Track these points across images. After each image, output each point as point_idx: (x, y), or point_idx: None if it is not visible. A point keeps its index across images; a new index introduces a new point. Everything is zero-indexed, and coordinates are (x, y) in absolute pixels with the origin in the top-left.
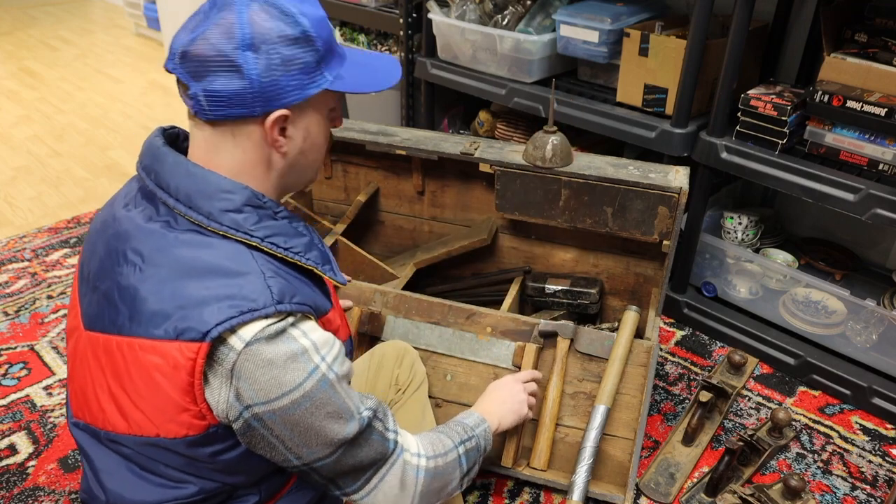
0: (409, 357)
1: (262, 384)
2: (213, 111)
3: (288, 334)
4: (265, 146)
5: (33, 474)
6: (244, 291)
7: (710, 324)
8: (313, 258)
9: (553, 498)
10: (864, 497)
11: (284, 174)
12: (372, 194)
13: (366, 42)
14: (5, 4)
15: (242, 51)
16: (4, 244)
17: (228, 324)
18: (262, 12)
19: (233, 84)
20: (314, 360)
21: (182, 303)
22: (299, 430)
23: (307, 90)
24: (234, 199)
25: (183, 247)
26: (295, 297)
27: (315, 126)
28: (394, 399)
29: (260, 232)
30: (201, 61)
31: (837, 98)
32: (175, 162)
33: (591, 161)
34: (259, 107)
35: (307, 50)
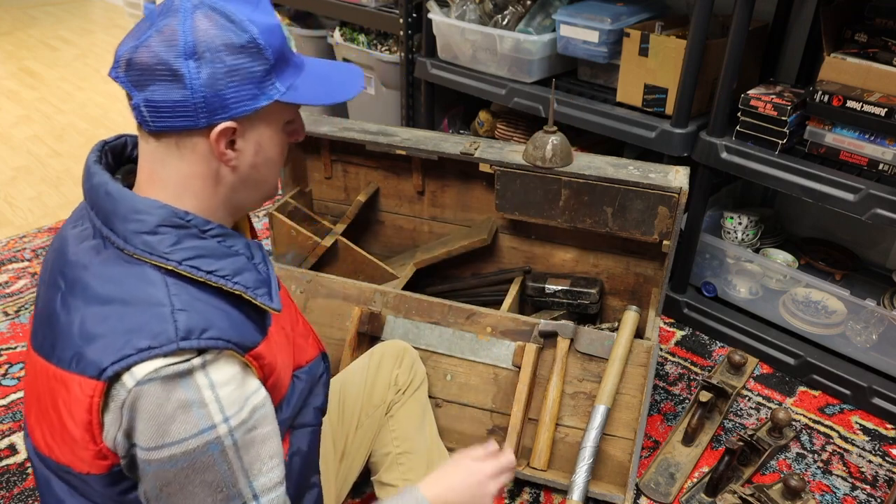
0: (409, 357)
1: (147, 427)
2: (155, 122)
3: (189, 380)
4: (212, 160)
5: (33, 474)
6: (147, 325)
7: (710, 324)
8: (243, 282)
9: (553, 498)
10: (864, 497)
11: (235, 189)
12: (372, 194)
13: (366, 42)
14: (5, 4)
15: (184, 59)
16: (4, 244)
17: (124, 363)
18: (207, 19)
19: (174, 94)
20: (213, 417)
21: (86, 334)
22: (168, 490)
23: (256, 102)
24: (146, 220)
25: (98, 273)
26: (207, 332)
27: (268, 140)
28: (394, 400)
29: (177, 255)
30: (143, 70)
31: (837, 98)
32: (98, 182)
33: (591, 161)
34: (203, 118)
35: (255, 60)
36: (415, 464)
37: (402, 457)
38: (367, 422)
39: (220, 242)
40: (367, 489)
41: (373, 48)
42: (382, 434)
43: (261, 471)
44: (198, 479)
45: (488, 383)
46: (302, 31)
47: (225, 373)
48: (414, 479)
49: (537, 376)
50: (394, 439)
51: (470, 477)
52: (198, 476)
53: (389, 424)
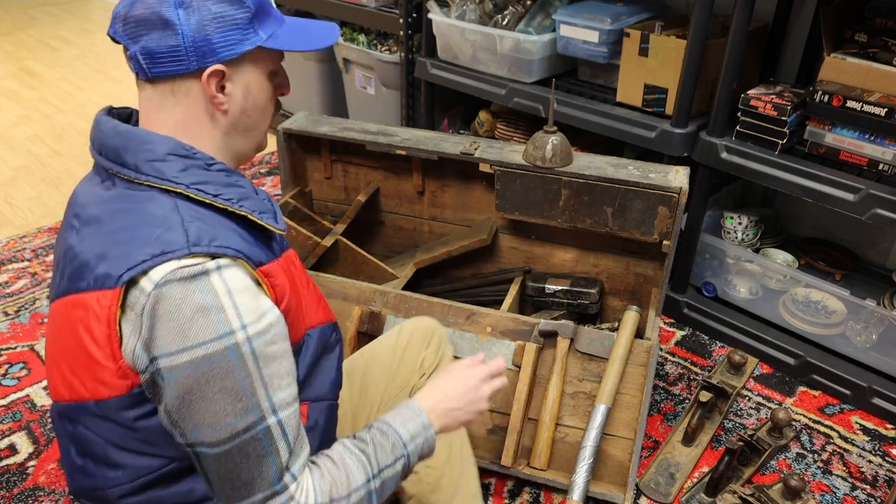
0: (437, 338)
1: (167, 331)
2: (151, 69)
3: (206, 282)
4: (205, 103)
5: (33, 474)
6: (161, 236)
7: (710, 324)
8: (248, 206)
9: (553, 498)
10: (864, 497)
11: (228, 133)
12: (372, 194)
13: (366, 42)
14: (5, 4)
15: (174, 8)
16: (4, 244)
17: (140, 267)
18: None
19: (167, 41)
20: (231, 322)
21: (101, 255)
22: (189, 398)
23: (240, 46)
24: (155, 148)
25: (112, 202)
26: (216, 241)
27: (255, 85)
28: (418, 384)
29: (185, 178)
30: (138, 22)
31: (837, 98)
32: (110, 126)
33: (591, 161)
34: (195, 62)
35: (237, 7)
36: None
37: None
38: (389, 404)
39: (226, 175)
40: None
41: (373, 48)
42: None
43: (279, 386)
44: (217, 386)
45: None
46: None
47: (241, 281)
48: (434, 465)
49: (537, 376)
50: None
51: (463, 382)
52: (217, 382)
53: None
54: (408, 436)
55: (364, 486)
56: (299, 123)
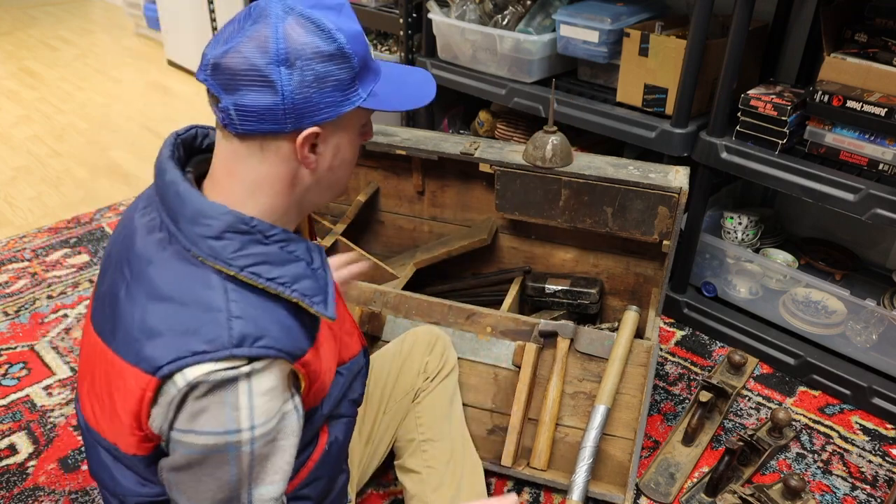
0: (441, 344)
1: (184, 413)
2: (243, 125)
3: (233, 385)
4: (293, 161)
5: (33, 474)
6: (203, 329)
7: (710, 324)
8: (301, 289)
9: (553, 498)
10: (864, 497)
11: (309, 190)
12: (372, 194)
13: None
14: (5, 4)
15: (276, 66)
16: (4, 244)
17: (179, 363)
18: (298, 27)
19: (265, 99)
20: (241, 422)
21: (146, 329)
22: (182, 469)
23: (341, 108)
24: (212, 224)
25: (164, 269)
26: (260, 341)
27: (346, 142)
28: (422, 387)
29: (240, 261)
30: (233, 74)
31: (837, 98)
32: (170, 180)
33: (591, 161)
34: (290, 123)
35: (342, 67)
36: (438, 452)
37: (425, 444)
38: (394, 407)
39: (283, 248)
40: (389, 471)
41: (373, 48)
42: (408, 420)
43: (264, 481)
44: (207, 471)
45: (488, 383)
46: None
47: (268, 383)
48: (436, 466)
49: (537, 376)
50: (419, 426)
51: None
52: (209, 469)
53: (416, 411)
54: None
55: None
56: None
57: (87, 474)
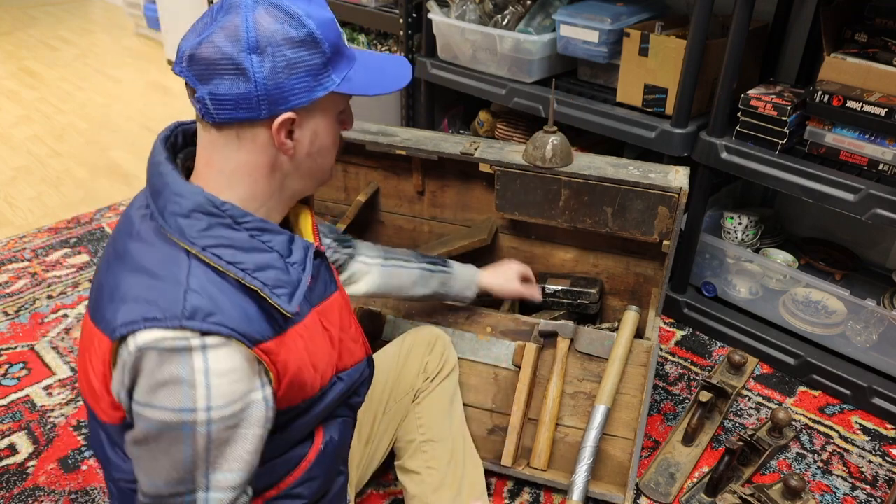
0: (441, 344)
1: (143, 384)
2: (219, 114)
3: (185, 357)
4: (271, 148)
5: (33, 474)
6: (159, 299)
7: (710, 324)
8: (263, 278)
9: (553, 498)
10: (864, 497)
11: (290, 177)
12: (372, 194)
13: (366, 42)
14: (5, 4)
15: (248, 54)
16: (4, 244)
17: (130, 327)
18: (267, 15)
19: (238, 87)
20: (196, 401)
21: (115, 295)
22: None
23: (314, 93)
24: (182, 203)
25: (141, 243)
26: (212, 317)
27: (323, 128)
28: (421, 388)
29: (204, 241)
30: (207, 64)
31: (837, 98)
32: (156, 161)
33: (591, 161)
34: (265, 110)
35: (313, 52)
36: (438, 452)
37: (426, 444)
38: (394, 407)
39: (254, 236)
40: (389, 472)
41: (373, 48)
42: (408, 421)
43: (221, 467)
44: (162, 448)
45: (488, 383)
46: None
47: (226, 363)
48: (437, 467)
49: (537, 376)
50: (419, 427)
51: None
52: (163, 445)
53: (416, 412)
54: None
55: None
56: None
57: (87, 474)
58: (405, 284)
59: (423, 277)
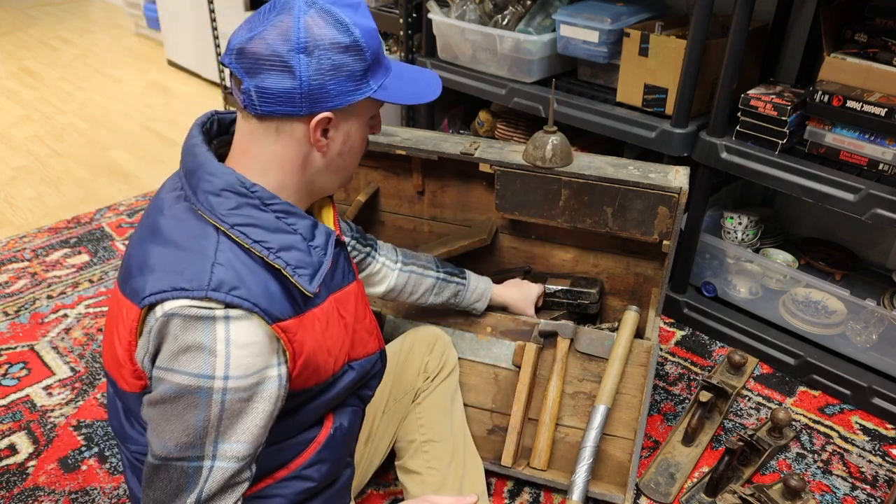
0: (441, 343)
1: (166, 349)
2: (263, 107)
3: (209, 325)
4: (306, 144)
5: (33, 474)
6: (187, 270)
7: (710, 324)
8: (286, 258)
9: (553, 498)
10: (864, 497)
11: (319, 172)
12: (372, 194)
13: None
14: (5, 4)
15: (296, 53)
16: (4, 244)
17: (158, 296)
18: (319, 18)
19: (284, 83)
20: (216, 369)
21: (144, 267)
22: (157, 407)
23: (352, 96)
24: (213, 181)
25: (172, 219)
26: (236, 290)
27: (356, 131)
28: (422, 387)
29: (232, 219)
30: (256, 59)
31: (837, 98)
32: (192, 143)
33: (591, 161)
34: (306, 107)
35: (356, 58)
36: (439, 452)
37: (426, 444)
38: (394, 406)
39: (280, 218)
40: (389, 471)
41: None
42: (409, 420)
43: (230, 437)
44: (177, 411)
45: (488, 383)
46: None
47: (247, 336)
48: (437, 467)
49: (537, 376)
50: (420, 426)
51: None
52: (178, 409)
53: (416, 412)
54: None
55: None
56: None
57: (87, 474)
58: (418, 291)
59: (438, 287)
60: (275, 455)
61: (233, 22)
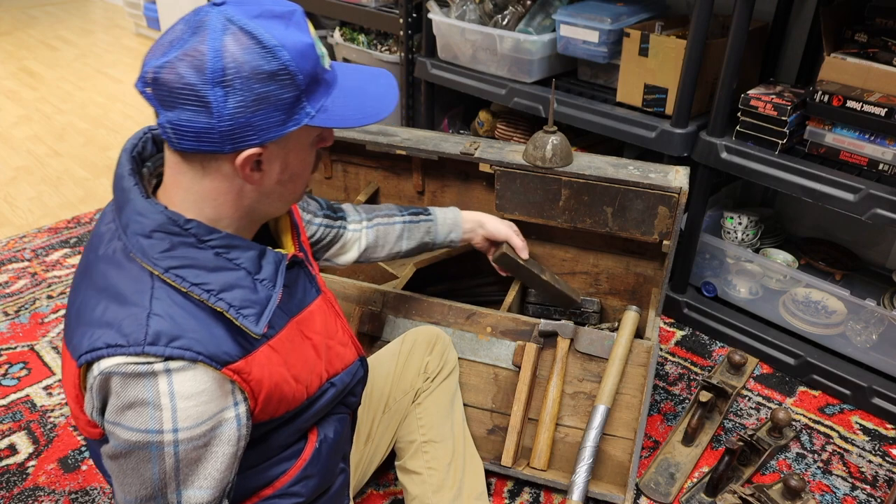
0: (441, 344)
1: (112, 403)
2: (181, 143)
3: (150, 381)
4: (237, 179)
5: (33, 474)
6: (121, 324)
7: (710, 324)
8: (229, 299)
9: (553, 498)
10: (864, 497)
11: (259, 202)
12: (372, 194)
13: (366, 42)
14: (5, 4)
15: (212, 87)
16: (4, 244)
17: (93, 354)
18: (237, 43)
19: (200, 120)
20: (163, 423)
21: (80, 318)
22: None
23: (284, 128)
24: (143, 222)
25: (106, 263)
26: (176, 342)
27: (295, 158)
28: (422, 388)
29: (166, 262)
30: (169, 90)
31: (837, 98)
32: (119, 174)
33: (591, 161)
34: (228, 145)
35: (285, 86)
36: (439, 453)
37: (426, 445)
38: (394, 406)
39: (220, 254)
40: (389, 472)
41: (373, 48)
42: (409, 421)
43: (192, 485)
44: (132, 466)
45: (488, 383)
46: None
47: (193, 386)
48: (437, 467)
49: (537, 376)
50: (420, 427)
51: None
52: (132, 463)
53: (416, 412)
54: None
55: None
56: None
57: (87, 474)
58: (390, 241)
59: (408, 229)
60: (256, 476)
61: None
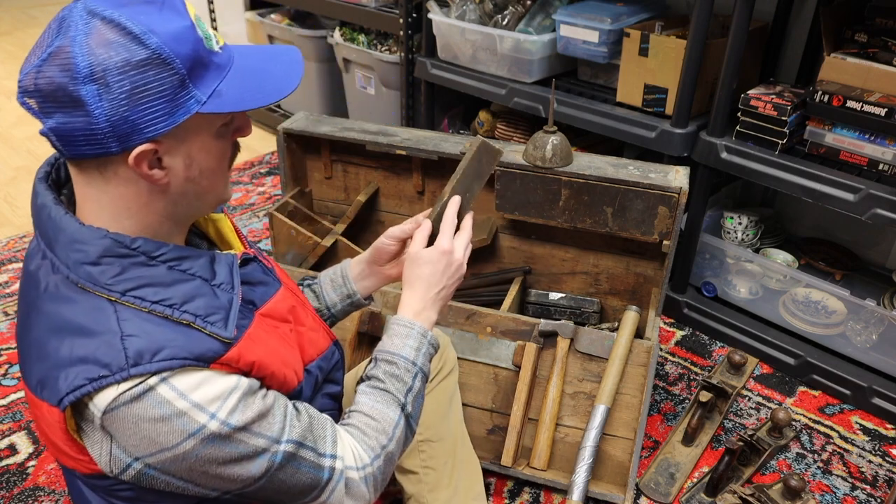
0: (441, 343)
1: (136, 440)
2: (69, 150)
3: (154, 395)
4: (140, 181)
5: (33, 474)
6: (98, 353)
7: (710, 324)
8: (192, 309)
9: (553, 498)
10: (864, 497)
11: (175, 203)
12: (372, 194)
13: (366, 42)
14: (5, 4)
15: (83, 84)
16: (4, 244)
17: (78, 393)
18: (102, 35)
19: (77, 122)
20: (198, 419)
21: (45, 363)
22: (199, 471)
23: (174, 118)
24: (87, 250)
25: (49, 300)
26: (159, 354)
27: (199, 150)
28: None
29: (120, 286)
30: (44, 97)
31: (837, 98)
32: (41, 203)
33: (591, 161)
34: (114, 145)
35: (162, 73)
36: (436, 452)
37: (423, 444)
38: None
39: (173, 267)
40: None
41: (373, 48)
42: None
43: (271, 427)
44: (217, 461)
45: (488, 383)
46: (302, 31)
47: (193, 380)
48: (434, 466)
49: (537, 376)
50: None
51: (430, 265)
52: (214, 459)
53: None
54: (412, 353)
55: (400, 417)
56: (299, 123)
57: None
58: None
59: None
60: None
61: (233, 22)
